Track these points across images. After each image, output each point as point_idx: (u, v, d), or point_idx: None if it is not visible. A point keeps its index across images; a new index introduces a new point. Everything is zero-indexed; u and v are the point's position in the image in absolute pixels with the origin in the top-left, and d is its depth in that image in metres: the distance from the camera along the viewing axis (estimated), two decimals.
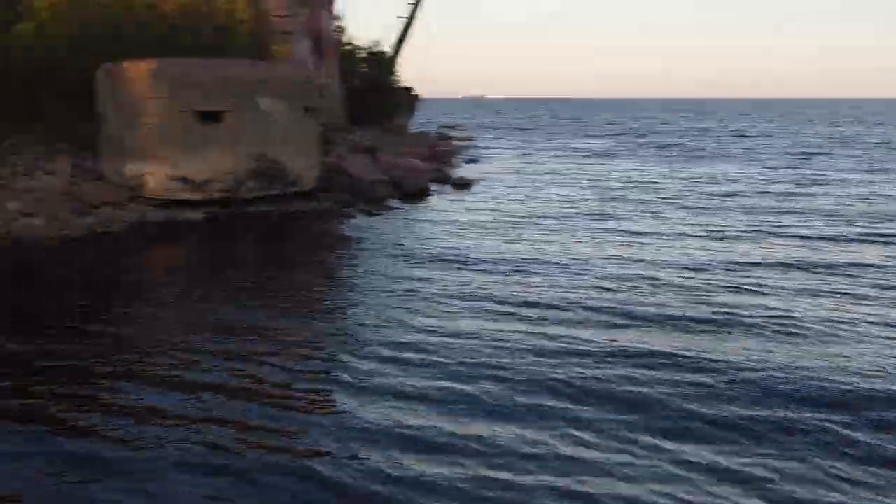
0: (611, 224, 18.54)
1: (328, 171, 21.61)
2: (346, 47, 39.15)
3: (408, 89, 50.11)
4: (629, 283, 12.70)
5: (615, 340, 9.81)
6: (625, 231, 17.65)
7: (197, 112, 18.36)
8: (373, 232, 17.72)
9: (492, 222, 18.74)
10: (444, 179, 26.22)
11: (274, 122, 19.36)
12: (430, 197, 23.11)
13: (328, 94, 31.14)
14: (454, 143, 46.25)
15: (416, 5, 51.66)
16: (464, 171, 30.64)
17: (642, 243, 16.25)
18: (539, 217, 19.54)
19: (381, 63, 39.87)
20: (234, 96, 18.61)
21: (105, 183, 19.23)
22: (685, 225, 18.46)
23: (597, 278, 13.05)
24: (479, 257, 14.79)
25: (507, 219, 19.20)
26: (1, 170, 20.04)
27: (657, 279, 13.01)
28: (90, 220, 17.14)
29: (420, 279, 13.11)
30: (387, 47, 50.20)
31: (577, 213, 20.21)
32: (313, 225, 18.74)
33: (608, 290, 12.28)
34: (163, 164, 18.39)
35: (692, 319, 10.71)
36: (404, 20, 51.71)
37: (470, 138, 52.00)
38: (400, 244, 16.13)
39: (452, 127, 56.63)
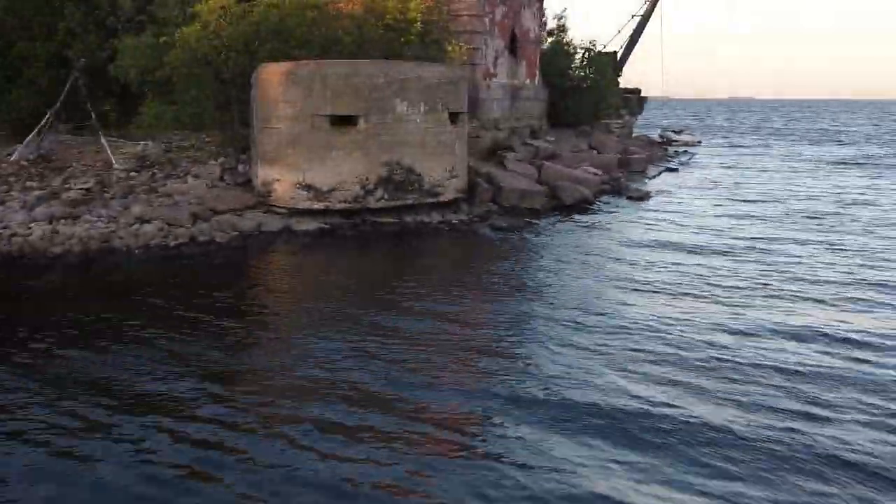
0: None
1: (474, 180, 19.54)
2: (565, 46, 36.80)
3: (634, 90, 46.88)
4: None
5: None
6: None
7: (328, 116, 16.96)
8: (486, 252, 15.54)
9: (631, 252, 15.41)
10: (619, 190, 23.24)
11: (411, 128, 17.58)
12: (590, 210, 20.31)
13: (523, 97, 29.07)
14: (670, 147, 42.50)
15: (653, 4, 48.24)
16: (655, 181, 27.35)
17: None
18: (703, 248, 15.80)
19: (597, 63, 37.07)
20: (367, 100, 16.98)
21: (244, 189, 18.41)
22: None
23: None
24: (573, 305, 11.91)
25: (659, 247, 15.96)
26: (160, 171, 20.00)
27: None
28: (202, 227, 16.19)
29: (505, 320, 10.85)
30: (612, 47, 47.63)
31: (762, 245, 16.23)
32: (427, 240, 16.73)
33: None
34: (291, 171, 17.15)
35: None
36: (638, 18, 48.60)
37: (695, 142, 47.71)
38: (501, 273, 13.84)
39: (679, 131, 52.33)
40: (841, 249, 15.62)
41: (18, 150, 20.67)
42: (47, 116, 21.01)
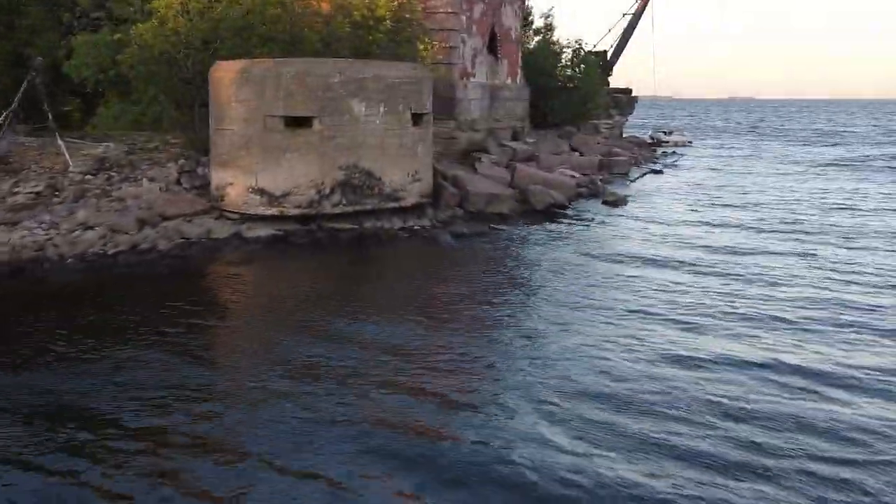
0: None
1: (440, 184, 18.59)
2: (552, 46, 35.87)
3: (624, 90, 45.95)
4: None
5: None
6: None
7: (281, 117, 16.02)
8: (438, 262, 14.62)
9: (590, 265, 14.16)
10: (596, 194, 22.28)
11: (370, 129, 16.64)
12: (560, 216, 19.30)
13: (504, 97, 28.12)
14: (659, 148, 41.53)
15: (644, 2, 47.26)
16: (636, 183, 26.38)
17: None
18: (668, 260, 14.49)
19: (585, 62, 36.14)
20: (322, 100, 16.01)
21: (201, 193, 17.47)
22: None
23: None
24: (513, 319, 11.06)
25: (620, 259, 14.64)
26: (118, 173, 19.09)
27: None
28: (148, 234, 15.24)
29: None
30: (602, 46, 46.63)
31: (729, 258, 14.97)
32: (381, 247, 15.74)
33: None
34: (244, 175, 16.20)
35: None
36: (629, 17, 47.62)
37: (686, 143, 46.71)
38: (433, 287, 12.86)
39: (670, 131, 51.29)
40: (814, 263, 14.42)
41: None
42: (3, 117, 20.10)
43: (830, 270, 13.74)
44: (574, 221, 18.62)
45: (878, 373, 8.73)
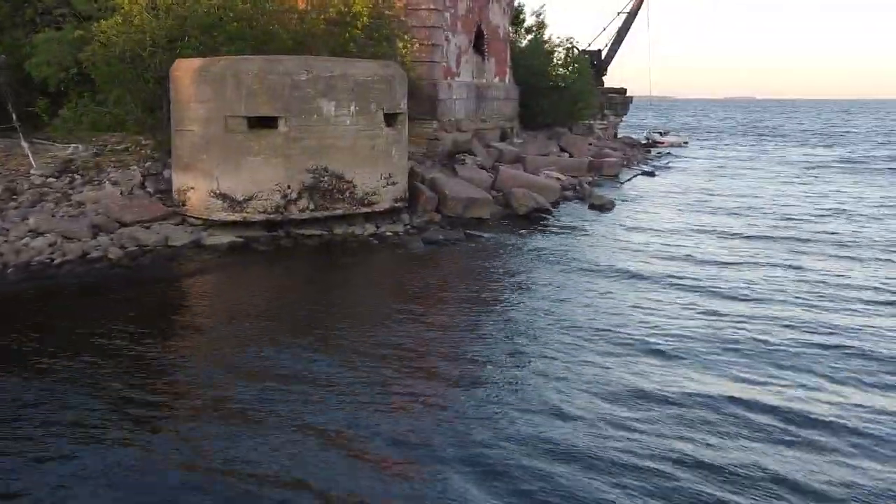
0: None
1: (416, 188, 17.60)
2: (544, 45, 34.88)
3: (619, 90, 44.95)
4: None
5: None
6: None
7: (244, 118, 15.04)
8: (406, 271, 13.63)
9: (562, 278, 13.01)
10: (583, 197, 21.28)
11: (340, 130, 15.65)
12: (542, 221, 18.29)
13: (491, 97, 27.13)
14: (653, 149, 40.49)
15: (640, 1, 46.18)
16: (626, 186, 25.34)
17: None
18: (647, 274, 13.22)
19: (577, 61, 35.14)
20: (288, 99, 15.03)
21: (164, 198, 16.49)
22: None
23: None
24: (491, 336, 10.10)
25: (595, 271, 13.50)
26: (83, 176, 18.13)
27: None
28: (101, 241, 14.27)
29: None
30: (596, 45, 45.61)
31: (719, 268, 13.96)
32: (348, 255, 14.74)
33: None
34: (205, 178, 15.24)
35: None
36: (625, 16, 46.55)
37: (682, 144, 45.64)
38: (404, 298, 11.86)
39: (666, 132, 50.21)
40: (804, 276, 13.26)
41: None
42: None
43: (821, 284, 12.62)
44: (555, 228, 17.59)
45: (870, 416, 7.61)
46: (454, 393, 8.09)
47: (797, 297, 11.80)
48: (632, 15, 45.53)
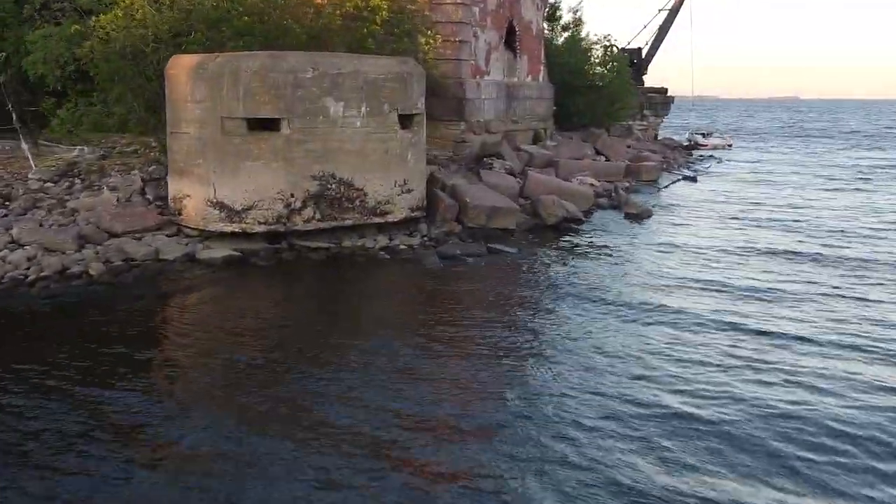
0: None
1: (435, 195, 16.02)
2: (580, 42, 33.12)
3: (659, 90, 43.01)
4: None
5: None
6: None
7: (242, 119, 13.60)
8: (414, 295, 12.07)
9: (598, 303, 11.21)
10: (619, 205, 19.52)
11: (349, 133, 14.15)
12: (573, 232, 16.57)
13: (523, 97, 25.47)
14: (695, 152, 38.46)
15: None
16: (665, 192, 23.51)
17: None
18: (693, 309, 10.93)
19: (616, 60, 33.35)
20: (291, 99, 13.53)
21: (162, 205, 15.13)
22: None
23: None
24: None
25: (633, 300, 11.46)
26: (83, 180, 16.90)
27: None
28: (86, 254, 12.89)
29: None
30: (636, 43, 43.64)
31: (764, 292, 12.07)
32: (355, 272, 13.19)
33: None
34: (201, 185, 13.84)
35: None
36: (665, 13, 44.56)
37: (726, 146, 43.47)
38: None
39: (710, 133, 47.97)
40: (868, 313, 10.93)
41: None
42: None
43: (884, 326, 10.45)
44: (585, 243, 15.73)
45: None
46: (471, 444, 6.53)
47: (867, 344, 9.65)
48: (673, 12, 43.56)
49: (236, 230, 13.70)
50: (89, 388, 7.96)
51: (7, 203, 15.44)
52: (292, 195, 13.79)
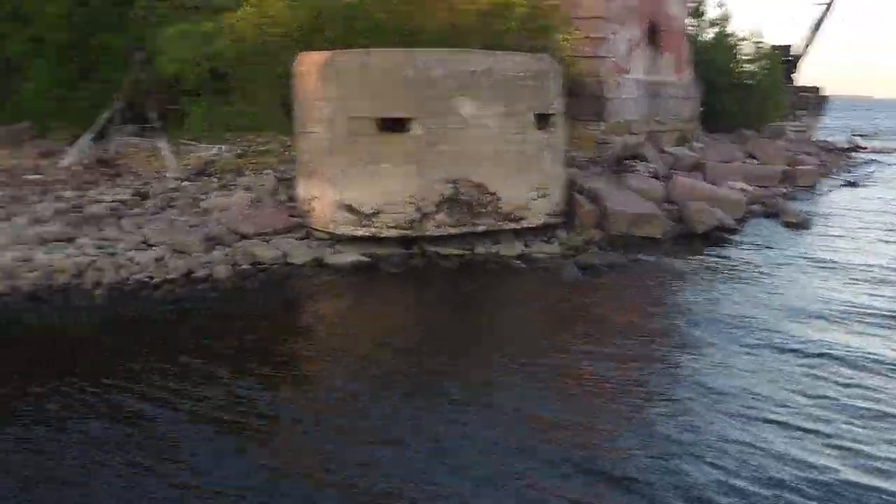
0: None
1: (575, 200, 14.95)
2: (727, 38, 31.17)
3: (811, 88, 40.17)
4: None
5: None
6: None
7: (371, 119, 12.99)
8: (544, 311, 11.05)
9: (767, 342, 9.59)
10: (775, 213, 17.81)
11: (482, 134, 13.30)
12: (726, 242, 15.09)
13: (667, 96, 23.99)
14: (855, 155, 35.52)
15: None
16: (825, 199, 21.48)
17: None
18: (874, 352, 9.12)
19: (768, 56, 31.21)
20: (421, 98, 12.83)
21: (294, 206, 14.75)
22: None
23: None
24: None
25: (802, 336, 9.75)
26: (219, 180, 16.83)
27: None
28: (215, 256, 12.56)
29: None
30: (787, 39, 40.90)
31: None
32: (484, 281, 12.27)
33: None
34: (330, 187, 13.32)
35: None
36: (823, 7, 41.57)
37: (891, 150, 40.05)
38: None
39: (872, 135, 44.40)
40: None
41: (69, 153, 18.04)
42: (103, 116, 18.34)
43: None
44: (739, 254, 14.16)
45: None
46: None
47: None
48: (828, 6, 40.53)
49: (366, 234, 13.09)
50: (215, 391, 7.68)
51: (143, 202, 15.43)
52: (423, 198, 13.07)
